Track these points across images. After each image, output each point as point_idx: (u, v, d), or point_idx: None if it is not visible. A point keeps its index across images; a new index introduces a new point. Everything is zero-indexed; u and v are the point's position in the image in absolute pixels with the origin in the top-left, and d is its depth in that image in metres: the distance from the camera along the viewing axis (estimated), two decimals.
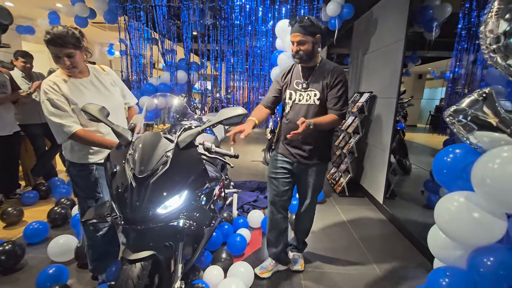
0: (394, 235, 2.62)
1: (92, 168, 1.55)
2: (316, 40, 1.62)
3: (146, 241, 1.13)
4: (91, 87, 1.52)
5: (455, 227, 0.85)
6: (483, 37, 0.84)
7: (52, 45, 1.34)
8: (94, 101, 1.44)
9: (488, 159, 0.77)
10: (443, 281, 0.88)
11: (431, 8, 3.20)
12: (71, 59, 1.40)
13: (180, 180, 1.16)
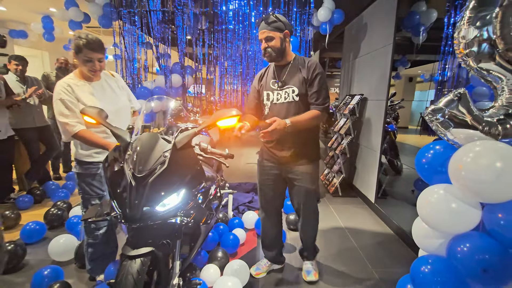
0: (385, 233, 2.69)
1: (99, 166, 1.64)
2: (284, 35, 1.59)
3: (145, 238, 1.17)
4: (101, 90, 1.65)
5: (435, 217, 0.92)
6: (457, 43, 0.92)
7: (89, 49, 1.50)
8: (103, 102, 1.59)
9: (463, 153, 0.84)
10: (425, 268, 0.95)
11: (418, 13, 3.32)
12: (100, 63, 1.58)
13: (177, 179, 1.21)
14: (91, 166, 1.63)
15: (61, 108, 1.51)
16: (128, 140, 1.30)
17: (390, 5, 2.90)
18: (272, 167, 1.80)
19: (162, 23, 3.42)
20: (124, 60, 3.60)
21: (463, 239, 0.86)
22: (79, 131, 1.51)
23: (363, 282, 1.92)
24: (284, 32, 1.59)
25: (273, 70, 1.72)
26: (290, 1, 3.27)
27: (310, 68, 1.60)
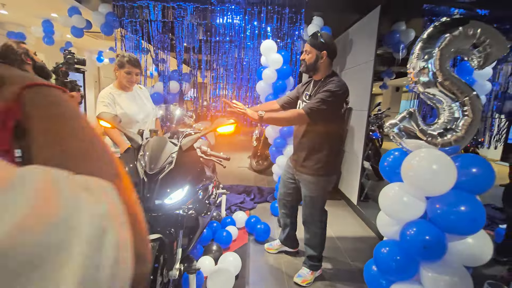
0: (366, 232, 2.95)
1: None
2: (320, 55, 1.74)
3: (155, 226, 1.37)
4: (133, 99, 2.10)
5: (392, 208, 1.17)
6: (409, 72, 1.18)
7: (131, 65, 1.99)
8: (134, 109, 2.07)
9: (411, 157, 1.09)
10: (384, 250, 1.19)
11: (398, 32, 3.66)
12: (137, 76, 2.06)
13: (182, 176, 1.42)
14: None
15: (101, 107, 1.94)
16: (140, 142, 1.50)
17: (372, 26, 3.20)
18: (289, 166, 2.08)
19: (162, 33, 3.63)
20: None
21: (411, 225, 1.11)
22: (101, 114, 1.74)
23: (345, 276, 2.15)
24: (322, 52, 1.74)
25: (311, 84, 1.90)
26: (283, 18, 3.54)
27: (327, 85, 1.72)
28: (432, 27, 1.13)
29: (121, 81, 2.03)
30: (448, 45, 1.08)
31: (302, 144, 1.86)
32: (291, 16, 3.57)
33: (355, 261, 2.34)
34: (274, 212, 3.09)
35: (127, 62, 1.98)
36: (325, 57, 1.76)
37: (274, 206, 3.10)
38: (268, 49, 3.02)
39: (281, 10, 3.52)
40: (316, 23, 3.61)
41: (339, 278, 2.11)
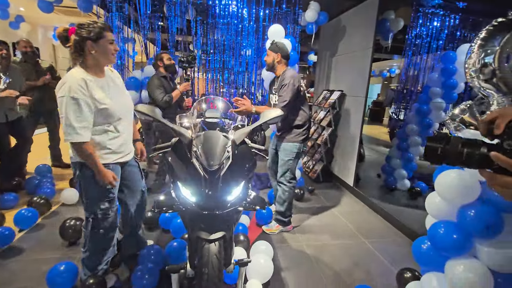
0: (366, 210, 3.19)
1: (109, 167, 1.58)
2: (276, 56, 2.37)
3: (218, 224, 1.34)
4: (111, 86, 1.59)
5: (450, 192, 1.29)
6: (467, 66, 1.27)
7: (109, 30, 1.52)
8: (116, 99, 1.57)
9: None
10: (440, 229, 1.32)
11: (388, 21, 3.82)
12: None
13: (240, 171, 1.39)
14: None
15: (73, 107, 1.39)
16: (189, 137, 1.42)
17: (370, 14, 3.30)
18: (273, 141, 2.67)
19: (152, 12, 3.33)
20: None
21: (470, 207, 1.24)
22: (85, 143, 1.44)
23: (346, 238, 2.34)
24: (277, 54, 2.36)
25: (275, 79, 2.51)
26: (281, 1, 3.47)
27: (282, 80, 2.32)
28: (490, 26, 1.22)
29: (101, 59, 1.48)
30: (506, 43, 1.19)
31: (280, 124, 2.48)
32: (289, 0, 3.51)
33: (365, 235, 2.54)
34: (271, 200, 3.12)
35: (104, 29, 1.47)
36: (280, 58, 2.38)
37: (271, 195, 3.13)
38: (276, 34, 2.95)
39: None
40: (313, 8, 3.61)
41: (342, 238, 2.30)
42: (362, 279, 1.98)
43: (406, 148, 3.73)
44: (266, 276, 1.84)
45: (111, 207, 1.66)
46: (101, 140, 1.55)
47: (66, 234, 2.17)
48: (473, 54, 1.24)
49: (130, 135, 1.73)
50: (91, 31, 1.43)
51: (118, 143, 1.62)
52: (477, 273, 1.22)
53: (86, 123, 1.44)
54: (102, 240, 1.68)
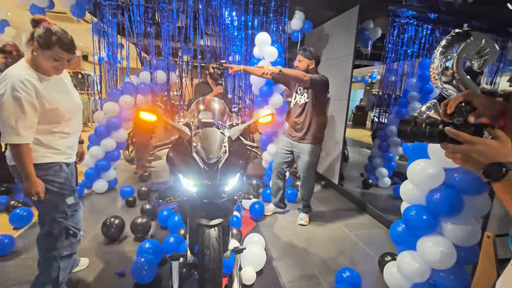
0: (349, 205, 3.40)
1: (60, 164, 1.52)
2: (310, 63, 2.54)
3: (217, 211, 1.47)
4: (60, 85, 1.50)
5: (420, 179, 1.48)
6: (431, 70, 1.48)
7: (63, 49, 1.36)
8: (65, 100, 1.48)
9: None
10: (412, 212, 1.51)
11: (367, 30, 4.10)
12: (69, 63, 1.44)
13: (235, 164, 1.53)
14: (52, 166, 1.48)
15: (13, 107, 1.28)
16: (189, 134, 1.55)
17: (351, 23, 3.56)
18: (287, 142, 2.75)
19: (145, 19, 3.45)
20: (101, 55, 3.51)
21: (436, 191, 1.44)
22: (24, 146, 1.33)
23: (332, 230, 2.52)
24: (311, 61, 2.54)
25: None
26: (268, 10, 3.67)
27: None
28: (449, 36, 1.44)
29: (41, 64, 1.37)
30: (462, 51, 1.41)
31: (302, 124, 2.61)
32: (276, 9, 3.72)
33: (350, 227, 2.73)
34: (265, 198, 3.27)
35: (56, 43, 1.33)
36: (314, 65, 2.56)
37: (265, 193, 3.28)
38: (263, 41, 3.14)
39: (267, 2, 3.64)
40: (298, 17, 3.84)
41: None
42: (347, 265, 2.15)
43: (387, 148, 3.98)
44: (260, 264, 1.98)
45: (77, 202, 1.59)
46: (48, 140, 1.46)
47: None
48: (436, 60, 1.46)
49: (77, 136, 1.66)
50: (43, 37, 1.32)
51: (66, 144, 1.54)
52: (444, 247, 1.42)
53: (30, 123, 1.33)
54: (71, 243, 1.57)
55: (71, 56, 1.43)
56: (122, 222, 2.36)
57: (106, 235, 2.30)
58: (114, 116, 3.21)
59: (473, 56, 1.47)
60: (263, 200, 3.25)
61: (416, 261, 1.52)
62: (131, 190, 3.17)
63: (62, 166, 1.53)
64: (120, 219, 2.35)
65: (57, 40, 1.34)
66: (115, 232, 2.31)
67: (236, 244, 2.13)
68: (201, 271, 1.35)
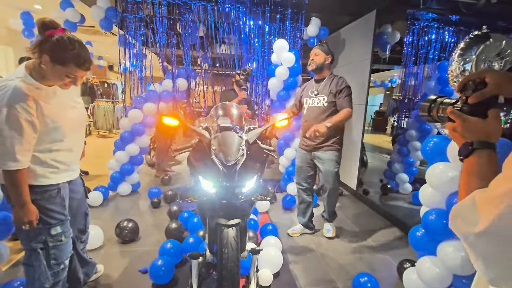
0: (368, 211, 3.34)
1: (59, 187, 1.39)
2: (327, 57, 2.37)
3: (235, 212, 1.52)
4: (62, 96, 1.35)
5: (439, 182, 1.46)
6: (449, 73, 1.47)
7: (80, 68, 1.24)
8: (71, 113, 1.38)
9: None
10: (432, 216, 1.49)
11: (385, 34, 4.07)
12: (81, 79, 1.31)
13: (253, 167, 1.59)
14: (49, 189, 1.34)
15: (12, 129, 1.13)
16: (209, 137, 1.63)
17: (368, 27, 3.55)
18: (304, 153, 2.52)
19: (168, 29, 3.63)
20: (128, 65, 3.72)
21: (456, 195, 1.41)
22: (21, 171, 1.19)
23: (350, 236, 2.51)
24: (328, 56, 2.38)
25: (313, 83, 2.49)
26: (285, 18, 3.75)
27: (338, 83, 2.34)
28: (467, 39, 1.43)
29: (47, 77, 1.22)
30: (481, 53, 1.39)
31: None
32: (292, 17, 3.79)
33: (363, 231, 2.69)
34: (285, 205, 3.28)
35: (73, 60, 1.20)
36: (330, 60, 2.40)
37: (285, 199, 3.28)
38: (280, 48, 3.21)
39: (283, 10, 3.72)
40: (315, 23, 3.88)
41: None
42: (365, 271, 2.12)
43: (407, 153, 3.89)
44: (276, 267, 2.00)
45: (64, 231, 1.40)
46: (47, 159, 1.31)
47: None
48: (454, 62, 1.45)
49: (80, 149, 1.53)
50: (57, 51, 1.17)
51: (68, 159, 1.42)
52: (465, 252, 1.38)
53: (28, 145, 1.20)
54: (55, 273, 1.38)
55: (85, 73, 1.30)
56: (136, 225, 2.44)
57: (121, 236, 2.39)
58: (138, 123, 3.38)
59: (494, 58, 1.44)
60: (283, 207, 3.26)
61: (437, 266, 1.49)
62: (158, 191, 3.34)
63: (60, 190, 1.38)
64: (134, 222, 2.44)
65: (74, 56, 1.20)
66: (129, 233, 2.39)
67: (253, 246, 2.16)
68: (219, 270, 1.40)
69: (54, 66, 1.19)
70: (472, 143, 0.56)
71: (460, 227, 0.47)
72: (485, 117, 0.58)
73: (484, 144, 0.56)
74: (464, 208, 0.48)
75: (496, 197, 0.41)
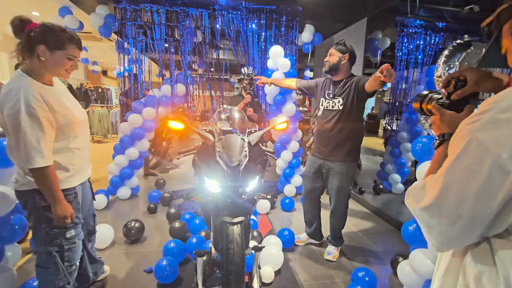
0: (363, 211, 3.46)
1: (76, 190, 1.43)
2: (343, 57, 2.09)
3: (239, 210, 1.60)
4: (63, 96, 1.37)
5: None
6: (436, 78, 1.60)
7: (78, 47, 1.30)
8: (74, 111, 1.39)
9: None
10: None
11: (376, 40, 4.24)
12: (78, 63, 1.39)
13: (255, 167, 1.68)
14: (68, 193, 1.37)
15: (32, 125, 1.16)
16: (213, 140, 1.72)
17: (360, 34, 3.71)
18: (314, 161, 2.30)
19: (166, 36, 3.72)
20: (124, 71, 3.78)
21: None
22: (50, 167, 1.22)
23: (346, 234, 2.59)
24: (345, 55, 2.09)
25: (330, 84, 2.23)
26: (280, 25, 3.88)
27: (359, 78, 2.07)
28: (451, 47, 1.57)
29: (49, 69, 1.25)
30: (464, 59, 1.53)
31: (331, 136, 2.15)
32: (287, 24, 3.93)
33: (363, 231, 2.80)
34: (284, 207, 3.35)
35: (69, 41, 1.24)
36: (346, 60, 2.10)
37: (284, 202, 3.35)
38: (276, 54, 3.33)
39: (278, 17, 3.85)
40: (309, 30, 4.02)
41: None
42: (362, 266, 2.22)
43: (399, 154, 4.03)
44: (278, 264, 2.09)
45: (77, 234, 1.43)
46: (65, 161, 1.34)
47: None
48: (439, 68, 1.58)
49: (89, 149, 1.56)
50: (50, 37, 1.20)
51: (81, 160, 1.45)
52: None
53: (50, 142, 1.24)
54: (66, 275, 1.41)
55: (80, 53, 1.35)
56: (142, 225, 2.52)
57: (128, 236, 2.46)
58: (138, 127, 3.44)
59: (475, 65, 1.58)
60: (282, 209, 3.33)
61: (428, 257, 1.60)
62: (158, 194, 3.37)
63: (77, 193, 1.43)
64: (140, 222, 2.51)
65: (68, 37, 1.24)
66: (135, 233, 2.47)
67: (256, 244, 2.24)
68: (226, 264, 1.48)
69: (53, 53, 1.22)
70: (444, 135, 0.64)
71: (410, 203, 0.57)
72: (461, 111, 0.66)
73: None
74: (416, 188, 0.57)
75: (437, 179, 0.52)
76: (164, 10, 3.59)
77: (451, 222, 0.50)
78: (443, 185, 0.50)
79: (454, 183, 0.49)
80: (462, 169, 0.48)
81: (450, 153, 0.52)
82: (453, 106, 0.67)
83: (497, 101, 0.47)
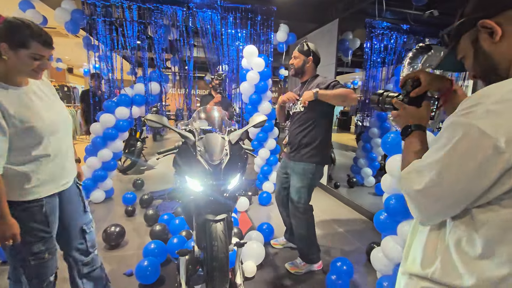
0: (338, 204, 3.62)
1: (42, 202, 1.25)
2: (307, 60, 2.07)
3: (221, 207, 1.63)
4: (35, 97, 1.23)
5: (397, 171, 1.71)
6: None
7: (42, 44, 1.14)
8: (49, 115, 1.25)
9: None
10: (392, 201, 1.74)
11: (347, 40, 4.42)
12: (49, 62, 1.24)
13: (236, 165, 1.71)
14: (29, 206, 1.22)
15: None
16: (193, 139, 1.72)
17: (332, 34, 3.86)
18: (284, 161, 2.26)
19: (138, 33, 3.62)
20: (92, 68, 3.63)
21: None
22: None
23: (323, 227, 2.72)
24: (308, 58, 2.08)
25: (300, 86, 2.22)
26: (255, 24, 3.93)
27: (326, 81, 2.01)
28: (414, 49, 1.70)
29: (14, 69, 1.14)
30: (425, 62, 1.67)
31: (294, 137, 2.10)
32: (262, 23, 3.98)
33: (339, 224, 2.94)
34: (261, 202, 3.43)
35: (35, 38, 1.11)
36: (311, 62, 2.10)
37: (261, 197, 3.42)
38: (250, 53, 3.37)
39: (254, 16, 3.89)
40: (283, 30, 4.11)
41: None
42: (339, 256, 2.35)
43: (370, 149, 4.27)
44: (259, 258, 2.14)
45: (48, 248, 1.28)
46: (26, 170, 1.18)
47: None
48: (405, 69, 1.72)
49: (67, 154, 1.39)
50: (11, 34, 1.09)
51: (51, 169, 1.27)
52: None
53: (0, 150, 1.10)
54: None
55: (51, 52, 1.20)
56: (123, 229, 2.46)
57: (107, 241, 2.39)
58: (110, 127, 3.32)
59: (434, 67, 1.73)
60: (260, 203, 3.39)
61: (398, 243, 1.73)
62: (133, 196, 3.28)
63: (43, 206, 1.25)
64: (120, 226, 2.45)
65: (33, 34, 1.11)
66: (115, 238, 2.40)
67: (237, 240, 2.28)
68: (210, 261, 1.51)
69: (16, 52, 1.11)
70: (410, 126, 0.74)
71: (404, 185, 0.65)
72: (419, 106, 0.77)
73: (418, 127, 0.73)
74: (408, 173, 0.65)
75: (428, 165, 0.60)
76: (136, 6, 3.48)
77: (444, 201, 0.58)
78: (441, 168, 0.57)
79: (452, 166, 0.56)
80: (460, 153, 0.55)
81: (442, 141, 0.59)
82: (413, 102, 0.77)
83: (486, 96, 0.54)
